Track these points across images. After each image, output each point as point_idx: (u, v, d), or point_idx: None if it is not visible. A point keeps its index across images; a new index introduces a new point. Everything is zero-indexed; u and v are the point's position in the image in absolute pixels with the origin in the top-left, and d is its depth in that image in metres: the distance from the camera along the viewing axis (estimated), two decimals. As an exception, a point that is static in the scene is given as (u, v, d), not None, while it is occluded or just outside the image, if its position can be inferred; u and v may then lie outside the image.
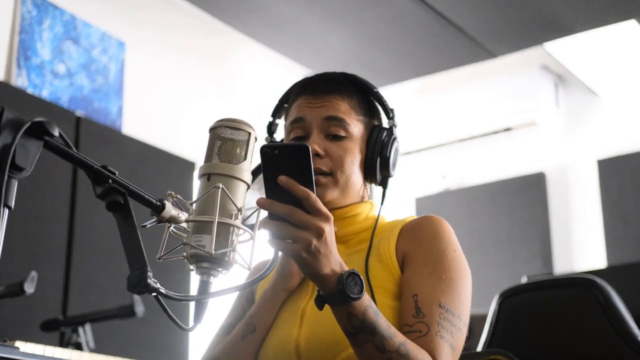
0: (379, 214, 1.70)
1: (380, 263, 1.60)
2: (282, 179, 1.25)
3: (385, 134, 1.70)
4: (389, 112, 1.74)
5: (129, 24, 4.66)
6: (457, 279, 1.55)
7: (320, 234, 1.26)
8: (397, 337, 1.38)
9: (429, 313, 1.48)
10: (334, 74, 1.76)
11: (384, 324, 1.36)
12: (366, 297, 1.33)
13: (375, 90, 1.74)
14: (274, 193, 1.26)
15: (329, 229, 1.28)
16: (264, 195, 1.30)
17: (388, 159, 1.69)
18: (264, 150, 1.25)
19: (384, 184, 1.72)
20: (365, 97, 1.73)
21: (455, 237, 1.63)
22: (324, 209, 1.27)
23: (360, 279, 1.31)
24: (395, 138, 1.71)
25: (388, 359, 1.36)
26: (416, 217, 1.68)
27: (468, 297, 1.56)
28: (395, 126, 1.73)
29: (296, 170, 1.25)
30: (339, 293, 1.30)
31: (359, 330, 1.34)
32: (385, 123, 1.76)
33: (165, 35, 4.88)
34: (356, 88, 1.73)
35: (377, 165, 1.69)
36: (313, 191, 1.26)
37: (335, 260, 1.30)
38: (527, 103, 6.29)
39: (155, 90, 4.74)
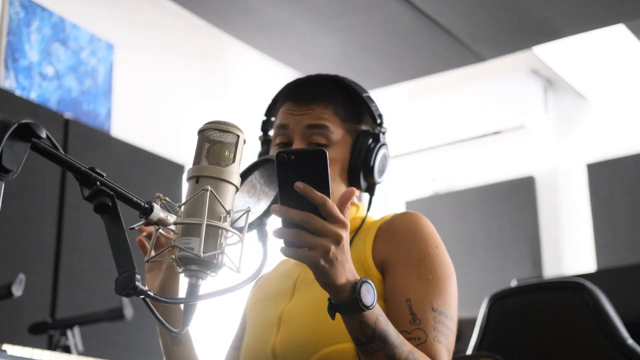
0: (364, 220, 1.67)
1: (356, 263, 1.56)
2: (299, 185, 1.22)
3: (370, 140, 1.66)
4: (376, 118, 1.69)
5: (118, 26, 4.65)
6: (443, 277, 1.54)
7: (338, 240, 1.23)
8: (406, 346, 1.36)
9: (424, 318, 1.48)
10: (322, 77, 1.73)
11: (393, 332, 1.34)
12: (377, 306, 1.31)
13: (364, 95, 1.69)
14: (288, 200, 1.23)
15: (346, 236, 1.25)
16: (252, 198, 1.30)
17: (372, 167, 1.65)
18: (280, 156, 1.22)
19: (370, 191, 1.69)
20: (353, 103, 1.69)
21: (435, 231, 1.60)
22: (341, 216, 1.24)
23: (373, 288, 1.29)
24: (382, 145, 1.67)
25: None
26: (394, 214, 1.65)
27: (455, 294, 1.55)
28: (383, 132, 1.68)
29: (312, 176, 1.22)
30: (353, 302, 1.27)
31: (371, 340, 1.32)
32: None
33: (155, 37, 4.87)
34: (343, 93, 1.69)
35: (360, 173, 1.65)
36: (329, 197, 1.23)
37: (350, 269, 1.28)
38: (516, 107, 6.31)
39: (144, 92, 4.73)
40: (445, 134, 6.66)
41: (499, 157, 6.61)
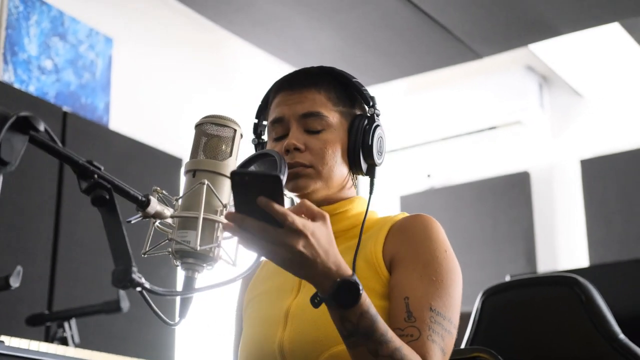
0: (367, 210, 1.67)
1: (365, 263, 1.58)
2: (262, 200, 1.18)
3: (366, 122, 1.67)
4: (369, 101, 1.71)
5: (116, 20, 4.65)
6: (447, 280, 1.54)
7: (293, 251, 1.22)
8: (392, 343, 1.36)
9: (420, 317, 1.48)
10: (311, 68, 1.74)
11: (381, 329, 1.34)
12: (364, 303, 1.31)
13: (353, 80, 1.71)
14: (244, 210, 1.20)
15: (304, 242, 1.23)
16: None
17: (371, 146, 1.66)
18: (233, 177, 1.17)
19: (370, 173, 1.69)
20: (344, 88, 1.71)
21: (445, 236, 1.61)
22: (299, 227, 1.22)
23: (356, 287, 1.29)
24: (377, 125, 1.68)
25: None
26: (406, 214, 1.66)
27: (458, 298, 1.55)
28: (377, 114, 1.70)
29: (267, 196, 1.19)
30: (330, 300, 1.29)
31: (352, 334, 1.33)
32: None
33: (153, 32, 4.88)
34: (334, 79, 1.71)
35: (360, 153, 1.66)
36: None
37: (327, 264, 1.28)
38: (512, 103, 6.32)
39: (142, 86, 4.74)
40: (441, 130, 6.66)
41: (494, 153, 6.62)
